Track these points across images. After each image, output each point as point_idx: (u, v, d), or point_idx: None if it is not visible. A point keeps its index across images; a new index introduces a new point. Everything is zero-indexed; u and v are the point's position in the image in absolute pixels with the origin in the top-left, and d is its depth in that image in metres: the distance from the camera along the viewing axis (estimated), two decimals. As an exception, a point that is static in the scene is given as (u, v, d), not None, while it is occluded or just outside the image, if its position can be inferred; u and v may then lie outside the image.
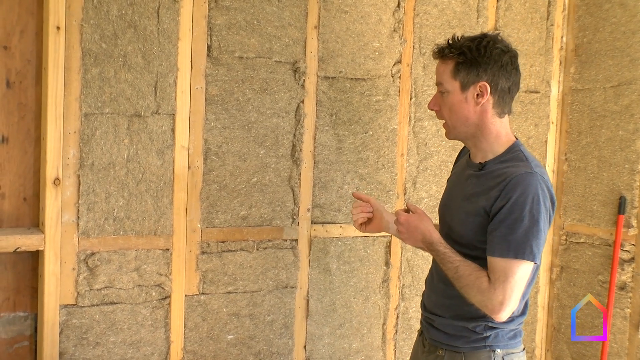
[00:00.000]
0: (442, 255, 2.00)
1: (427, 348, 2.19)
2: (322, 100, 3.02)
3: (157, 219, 2.73)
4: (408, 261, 3.28)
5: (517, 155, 2.03)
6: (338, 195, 3.09)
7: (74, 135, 2.57)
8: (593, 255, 3.46)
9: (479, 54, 1.99)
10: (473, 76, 2.00)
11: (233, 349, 2.93)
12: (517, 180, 1.92)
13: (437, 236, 2.03)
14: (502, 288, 1.89)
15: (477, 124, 2.04)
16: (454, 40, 2.05)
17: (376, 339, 3.26)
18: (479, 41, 2.01)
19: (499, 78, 2.01)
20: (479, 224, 1.99)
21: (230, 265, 2.88)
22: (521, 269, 1.90)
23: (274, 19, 2.88)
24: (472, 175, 2.08)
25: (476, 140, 2.07)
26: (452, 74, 2.02)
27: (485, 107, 2.02)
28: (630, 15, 3.31)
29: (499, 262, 1.91)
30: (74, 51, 2.54)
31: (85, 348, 2.64)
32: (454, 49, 2.02)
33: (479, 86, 2.00)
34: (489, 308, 1.92)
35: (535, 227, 1.90)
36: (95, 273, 2.64)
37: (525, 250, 1.89)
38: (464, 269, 1.95)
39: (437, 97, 2.10)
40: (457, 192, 2.15)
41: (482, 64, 1.99)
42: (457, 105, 2.03)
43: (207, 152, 2.81)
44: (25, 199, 2.60)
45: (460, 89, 2.02)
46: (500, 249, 1.91)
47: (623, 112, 3.33)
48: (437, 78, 2.08)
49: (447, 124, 2.09)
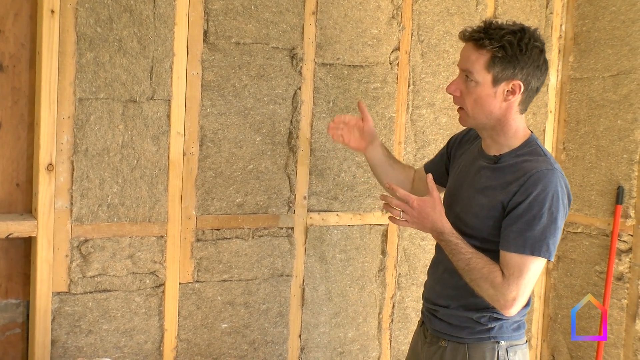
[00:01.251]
0: (453, 245, 1.96)
1: (429, 339, 2.16)
2: (319, 87, 2.99)
3: (152, 205, 2.70)
4: (404, 250, 3.26)
5: (534, 150, 1.99)
6: (335, 183, 3.07)
7: (68, 121, 2.54)
8: (590, 246, 3.45)
9: (520, 51, 1.91)
10: (509, 73, 1.92)
11: (227, 338, 2.91)
12: (538, 176, 1.89)
13: (449, 226, 1.97)
14: (516, 284, 1.87)
15: (499, 119, 1.98)
16: (493, 29, 1.94)
17: (372, 328, 3.24)
18: (520, 36, 1.91)
19: (532, 78, 1.95)
20: (494, 217, 1.96)
21: (225, 253, 2.86)
22: (535, 265, 1.89)
23: (271, 5, 2.85)
24: (486, 167, 2.04)
25: (494, 132, 2.02)
26: (487, 65, 1.93)
27: (511, 104, 1.97)
28: (630, 4, 3.29)
29: (514, 258, 1.89)
30: (69, 35, 2.51)
31: (77, 336, 2.62)
32: (494, 40, 1.91)
33: (513, 84, 1.94)
34: (500, 303, 1.90)
35: (553, 224, 1.88)
36: (89, 260, 2.61)
37: (541, 248, 1.87)
38: (476, 261, 1.92)
39: (459, 83, 2.01)
40: (468, 183, 2.09)
41: (520, 62, 1.91)
42: (484, 98, 1.96)
43: (203, 138, 2.78)
44: (18, 184, 2.57)
45: (491, 83, 1.94)
46: (516, 244, 1.89)
47: (622, 102, 3.31)
48: (466, 65, 1.97)
49: (467, 112, 2.01)
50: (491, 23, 1.96)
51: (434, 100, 3.25)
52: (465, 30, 2.00)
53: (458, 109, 2.05)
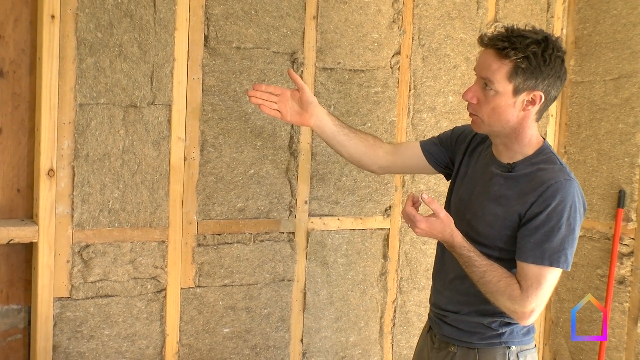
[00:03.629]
0: (465, 258, 1.93)
1: (437, 345, 2.14)
2: (320, 91, 2.99)
3: (153, 210, 2.70)
4: (406, 254, 3.26)
5: (549, 158, 1.96)
6: (336, 188, 3.06)
7: (69, 126, 2.54)
8: (592, 249, 3.44)
9: (544, 62, 1.86)
10: (530, 84, 1.88)
11: (229, 343, 2.91)
12: (557, 187, 1.87)
13: (459, 240, 1.93)
14: (535, 295, 1.86)
15: (514, 128, 1.94)
16: (515, 37, 1.87)
17: (373, 333, 3.24)
18: (544, 47, 1.86)
19: (552, 88, 1.91)
20: (510, 227, 1.94)
21: (226, 258, 2.86)
22: (553, 275, 1.88)
23: (272, 9, 2.85)
24: (499, 175, 2.00)
25: (508, 140, 1.98)
26: (509, 76, 1.87)
27: (529, 114, 1.93)
28: (631, 8, 3.29)
29: (532, 269, 1.87)
30: (69, 40, 2.51)
31: (79, 341, 2.62)
32: (518, 50, 1.85)
33: (533, 95, 1.90)
34: (518, 314, 1.89)
35: (571, 235, 1.87)
36: (90, 265, 2.61)
37: (560, 258, 1.86)
38: (491, 274, 1.89)
39: (477, 90, 1.95)
40: (479, 191, 2.05)
41: (543, 73, 1.87)
42: (503, 107, 1.91)
43: (204, 143, 2.78)
44: (19, 190, 2.57)
45: (512, 93, 1.89)
46: (534, 255, 1.87)
47: (623, 105, 3.30)
48: (486, 73, 1.90)
49: (482, 119, 1.96)
50: (513, 30, 1.91)
51: (435, 104, 3.25)
52: (485, 35, 1.94)
53: (471, 114, 2.00)
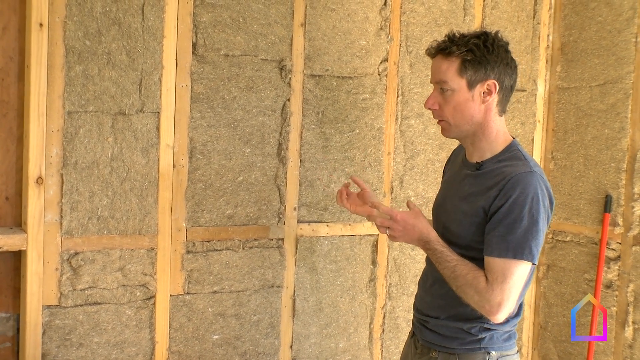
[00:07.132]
0: (438, 254, 1.97)
1: (420, 350, 2.16)
2: (308, 98, 3.00)
3: (142, 218, 2.70)
4: (395, 260, 3.27)
5: (515, 155, 2.00)
6: (324, 194, 3.07)
7: (57, 134, 2.54)
8: (579, 254, 3.46)
9: (487, 51, 1.96)
10: (481, 74, 1.96)
11: (219, 349, 2.91)
12: (517, 179, 1.90)
13: (434, 234, 1.99)
14: (500, 289, 1.87)
15: (480, 123, 2.01)
16: (457, 38, 1.99)
17: (363, 338, 3.24)
18: (484, 38, 1.97)
19: (505, 76, 1.99)
20: (476, 224, 1.97)
21: (215, 265, 2.86)
22: (520, 269, 1.89)
23: (260, 17, 2.86)
24: (469, 175, 2.05)
25: (475, 138, 2.04)
26: (459, 71, 1.97)
27: (490, 106, 2.00)
28: (616, 14, 3.32)
29: (498, 262, 1.89)
30: (57, 48, 2.51)
31: (68, 349, 2.62)
32: (460, 46, 1.96)
33: (487, 84, 1.97)
34: (486, 309, 1.90)
35: (535, 227, 1.88)
36: (79, 273, 2.61)
37: (524, 251, 1.87)
38: (461, 268, 1.93)
39: (436, 96, 2.04)
40: (452, 192, 2.11)
41: (490, 61, 1.96)
42: (463, 103, 1.99)
43: (193, 150, 2.78)
44: (7, 198, 2.57)
45: (467, 87, 1.97)
46: (499, 248, 1.89)
47: (609, 111, 3.33)
48: (438, 76, 2.01)
49: (449, 122, 2.03)
50: (453, 34, 2.02)
51: (423, 110, 3.26)
52: (430, 46, 2.05)
53: (439, 121, 2.07)
